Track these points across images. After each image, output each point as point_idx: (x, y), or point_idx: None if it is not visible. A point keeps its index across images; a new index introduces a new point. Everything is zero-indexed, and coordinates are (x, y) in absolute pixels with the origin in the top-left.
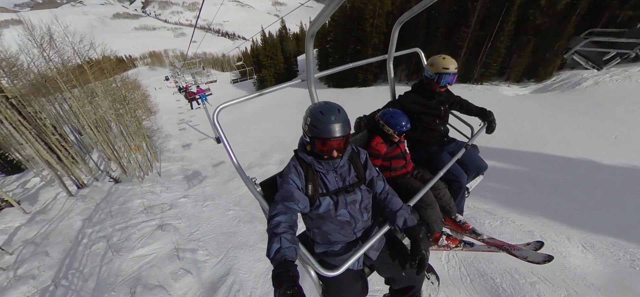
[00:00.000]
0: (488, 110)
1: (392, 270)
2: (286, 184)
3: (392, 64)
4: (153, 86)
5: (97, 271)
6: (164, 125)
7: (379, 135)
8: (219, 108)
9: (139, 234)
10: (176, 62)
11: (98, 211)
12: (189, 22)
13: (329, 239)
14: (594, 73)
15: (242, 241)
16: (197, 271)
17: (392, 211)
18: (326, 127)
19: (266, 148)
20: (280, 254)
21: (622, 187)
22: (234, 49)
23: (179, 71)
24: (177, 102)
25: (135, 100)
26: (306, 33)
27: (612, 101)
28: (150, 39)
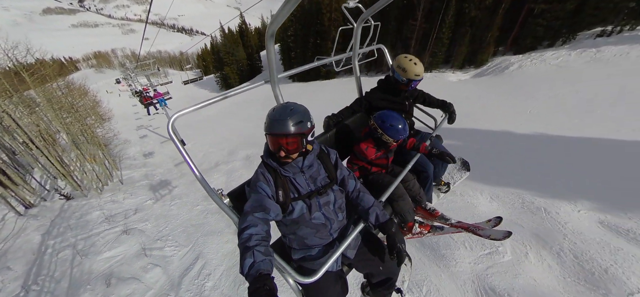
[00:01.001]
0: (448, 102)
1: (370, 266)
2: (255, 193)
3: (358, 60)
4: (104, 89)
5: (69, 272)
6: (121, 131)
7: (370, 139)
8: (173, 117)
9: (103, 241)
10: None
11: (55, 225)
12: (138, 16)
13: (306, 244)
14: (519, 58)
15: (211, 229)
16: (165, 263)
17: (365, 209)
18: (274, 123)
19: (233, 146)
20: (255, 268)
21: (527, 150)
22: (193, 46)
23: (132, 74)
24: (133, 106)
25: (85, 107)
26: (266, 32)
27: (530, 82)
28: (93, 37)
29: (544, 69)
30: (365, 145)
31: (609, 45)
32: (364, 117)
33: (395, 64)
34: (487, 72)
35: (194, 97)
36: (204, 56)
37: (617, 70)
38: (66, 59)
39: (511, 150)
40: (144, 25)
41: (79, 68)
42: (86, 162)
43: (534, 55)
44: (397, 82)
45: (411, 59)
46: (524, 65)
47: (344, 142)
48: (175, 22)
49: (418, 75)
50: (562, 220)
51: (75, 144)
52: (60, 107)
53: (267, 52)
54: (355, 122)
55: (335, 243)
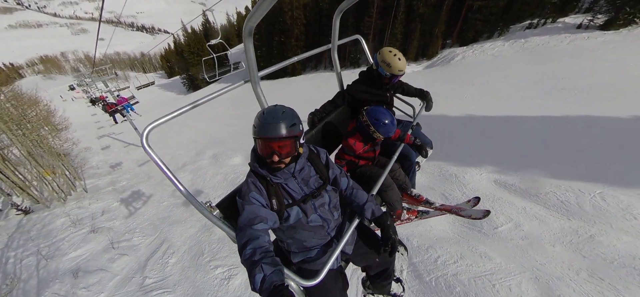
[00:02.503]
0: (425, 90)
1: (367, 259)
2: (248, 204)
3: (337, 53)
4: (58, 96)
5: (35, 273)
6: (80, 140)
7: (358, 133)
8: (146, 130)
9: (68, 243)
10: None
11: (14, 240)
12: (90, 14)
13: (305, 246)
14: (464, 49)
15: (175, 219)
16: (133, 251)
17: (360, 205)
18: (266, 126)
19: (200, 147)
20: (268, 282)
21: (455, 130)
22: (156, 46)
23: (88, 80)
24: (92, 116)
25: (39, 117)
26: (243, 29)
27: (470, 70)
28: (37, 39)
29: (483, 58)
30: (353, 140)
31: (535, 36)
32: (348, 111)
33: (380, 59)
34: (437, 63)
35: (160, 100)
36: (167, 57)
37: (538, 57)
38: (6, 65)
39: (444, 130)
40: (97, 25)
41: (23, 75)
42: (45, 174)
43: (475, 47)
44: (380, 76)
45: (395, 54)
46: (466, 56)
47: (330, 137)
48: (133, 19)
49: (401, 71)
50: (466, 182)
51: (32, 157)
52: (10, 119)
53: (245, 51)
54: (339, 116)
55: (333, 242)
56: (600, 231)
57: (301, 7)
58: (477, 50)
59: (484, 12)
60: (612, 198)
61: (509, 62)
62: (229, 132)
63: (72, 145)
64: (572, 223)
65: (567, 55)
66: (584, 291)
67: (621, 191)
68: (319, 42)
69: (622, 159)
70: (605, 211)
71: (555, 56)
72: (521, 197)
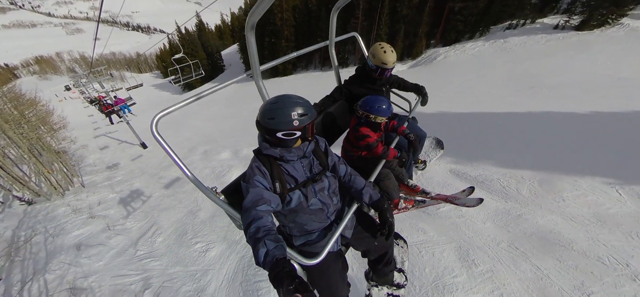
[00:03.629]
0: (421, 85)
1: (366, 243)
2: (253, 188)
3: (334, 49)
4: (54, 94)
5: (44, 248)
6: (77, 138)
7: (365, 127)
8: (156, 117)
9: (71, 225)
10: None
11: (23, 223)
12: (85, 14)
13: (305, 229)
14: (446, 49)
15: (165, 207)
16: (126, 232)
17: (358, 190)
18: (306, 114)
19: (193, 144)
20: (270, 256)
21: (428, 125)
22: (153, 47)
23: (85, 80)
24: (89, 117)
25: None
26: (245, 24)
27: (451, 69)
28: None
29: (464, 58)
30: (366, 130)
31: (514, 36)
32: (345, 105)
33: (370, 53)
34: (421, 63)
35: (155, 101)
36: (163, 57)
37: (515, 57)
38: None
39: None
40: (92, 24)
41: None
42: (45, 171)
43: (457, 47)
44: (371, 69)
45: (383, 47)
46: (448, 55)
47: (328, 129)
48: (129, 19)
49: (385, 63)
50: (425, 171)
51: (32, 154)
52: (12, 119)
53: (247, 45)
54: (337, 109)
55: (333, 225)
56: (529, 211)
57: (290, 9)
58: (459, 50)
59: (464, 13)
60: (549, 184)
61: (487, 61)
62: (220, 131)
63: (69, 143)
64: (507, 205)
65: (542, 54)
66: (498, 256)
67: (558, 177)
68: (308, 42)
69: (566, 150)
70: (540, 194)
71: (530, 56)
72: (469, 183)
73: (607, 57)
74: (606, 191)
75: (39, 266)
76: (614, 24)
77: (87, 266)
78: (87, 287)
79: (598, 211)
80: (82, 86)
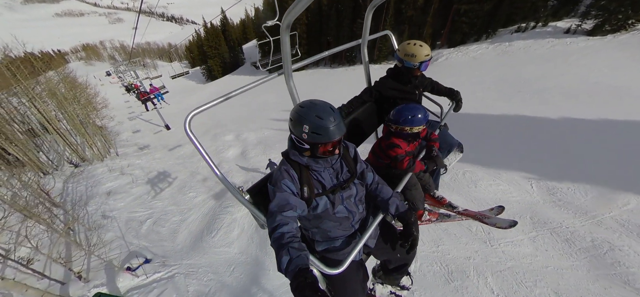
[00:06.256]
0: (456, 90)
1: (387, 253)
2: (280, 191)
3: (367, 48)
4: (96, 78)
5: (85, 193)
6: (115, 117)
7: (398, 138)
8: (190, 115)
9: (106, 179)
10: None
11: (70, 179)
12: (126, 5)
13: (329, 236)
14: (451, 50)
15: (174, 170)
16: (144, 185)
17: (384, 200)
18: (328, 131)
19: (208, 128)
20: (293, 264)
21: None
22: (184, 39)
23: (123, 68)
24: (125, 102)
25: (87, 99)
26: (281, 23)
27: (451, 70)
28: (79, 27)
29: (465, 60)
30: (398, 140)
31: (520, 40)
32: (374, 108)
33: (402, 54)
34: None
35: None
36: (191, 48)
37: (513, 60)
38: (55, 51)
39: None
40: (132, 14)
41: (68, 61)
42: (89, 142)
43: (462, 49)
44: (409, 70)
45: (415, 43)
46: (450, 57)
47: (355, 133)
48: (164, 10)
49: (428, 55)
50: None
51: (82, 127)
52: (65, 99)
53: (281, 44)
54: (365, 112)
55: (356, 234)
56: (448, 194)
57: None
58: (462, 52)
59: (469, 15)
60: (472, 174)
61: (484, 64)
62: (230, 118)
63: (109, 120)
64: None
65: (542, 59)
66: None
67: (481, 168)
68: (319, 41)
69: (507, 148)
70: (461, 182)
71: (530, 60)
72: None
73: (608, 64)
74: (521, 183)
75: (82, 202)
76: (630, 29)
77: (113, 205)
78: (111, 216)
79: (502, 197)
80: (121, 73)
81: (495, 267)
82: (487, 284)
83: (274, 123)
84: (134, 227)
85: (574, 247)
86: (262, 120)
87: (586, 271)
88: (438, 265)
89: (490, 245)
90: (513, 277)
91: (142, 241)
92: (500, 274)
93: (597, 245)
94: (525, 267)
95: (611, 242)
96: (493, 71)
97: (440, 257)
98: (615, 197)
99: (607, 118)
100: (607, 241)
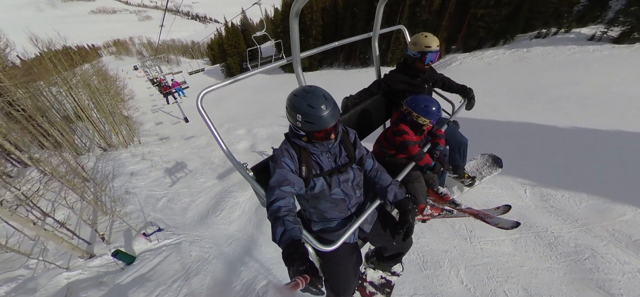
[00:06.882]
0: (468, 87)
1: (383, 240)
2: (280, 168)
3: (377, 42)
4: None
5: (111, 172)
6: (140, 108)
7: (405, 124)
8: (202, 93)
9: (129, 163)
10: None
11: (100, 160)
12: (154, 3)
13: (325, 217)
14: (465, 55)
15: (189, 159)
16: (162, 170)
17: (383, 187)
18: (320, 120)
19: (221, 122)
20: (287, 235)
21: None
22: (206, 37)
23: (148, 63)
24: (150, 96)
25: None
26: (290, 11)
27: (462, 75)
28: (111, 23)
29: (479, 65)
30: (405, 127)
31: (539, 46)
32: (382, 100)
33: (410, 42)
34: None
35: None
36: (212, 46)
37: (532, 67)
38: (89, 46)
39: None
40: (160, 12)
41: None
42: (116, 131)
43: (477, 53)
44: (412, 60)
45: (422, 33)
46: (464, 62)
47: (362, 124)
48: (189, 8)
49: (429, 47)
50: None
51: (110, 116)
52: (97, 90)
53: (290, 31)
54: (373, 104)
55: (353, 217)
56: None
57: (319, 10)
58: (477, 56)
59: (486, 20)
60: None
61: (499, 70)
62: (243, 113)
63: (134, 111)
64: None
65: (561, 66)
66: None
67: None
68: (334, 40)
69: (508, 153)
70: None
71: (548, 67)
72: None
73: (632, 73)
74: (514, 188)
75: (109, 179)
76: None
77: (135, 184)
78: (133, 193)
79: (493, 199)
80: (147, 68)
81: (470, 262)
82: (458, 275)
83: (283, 120)
84: (151, 203)
85: (555, 251)
86: (272, 117)
87: (562, 274)
88: (415, 255)
89: (469, 242)
90: (485, 272)
91: (157, 214)
92: (473, 268)
93: (579, 251)
94: (501, 264)
95: (595, 250)
96: (508, 77)
97: (418, 248)
98: (611, 208)
99: (622, 129)
100: (591, 248)
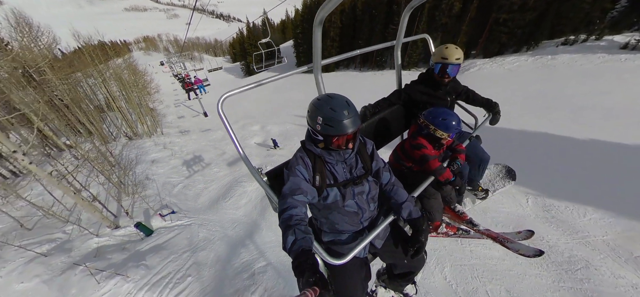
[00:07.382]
0: (494, 101)
1: (395, 257)
2: (293, 176)
3: (400, 51)
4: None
5: (134, 159)
6: (164, 100)
7: (424, 138)
8: (223, 97)
9: (152, 151)
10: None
11: (125, 148)
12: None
13: (336, 228)
14: (485, 61)
15: (205, 150)
16: (180, 159)
17: (398, 203)
18: (341, 124)
19: (238, 118)
20: (297, 245)
21: None
22: (229, 36)
23: (176, 60)
24: (174, 91)
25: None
26: (315, 19)
27: (480, 82)
28: (142, 21)
29: (498, 71)
30: (424, 141)
31: (565, 54)
32: (401, 111)
33: (433, 54)
34: None
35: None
36: (234, 45)
37: (555, 75)
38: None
39: None
40: (187, 11)
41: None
42: (142, 121)
43: (497, 59)
44: (432, 71)
45: (444, 44)
46: (483, 67)
47: (379, 134)
48: (214, 8)
49: (445, 58)
50: None
51: (138, 107)
52: (128, 84)
53: (313, 40)
54: (391, 114)
55: (364, 231)
56: None
57: (338, 12)
58: (497, 62)
59: (509, 25)
60: None
61: (520, 77)
62: (259, 111)
63: (158, 103)
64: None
65: (588, 75)
66: None
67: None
68: (351, 44)
69: (520, 165)
70: None
71: (573, 75)
72: None
73: None
74: (516, 196)
75: (132, 165)
76: None
77: (155, 170)
78: (153, 178)
79: (492, 206)
80: (172, 64)
81: (457, 261)
82: (442, 271)
83: (295, 119)
84: (168, 188)
85: (548, 260)
86: (285, 115)
87: (551, 281)
88: None
89: (460, 243)
90: (471, 271)
91: (172, 199)
92: (459, 267)
93: (573, 261)
94: (488, 267)
95: (589, 261)
96: (529, 85)
97: None
98: (617, 222)
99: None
100: (586, 259)
